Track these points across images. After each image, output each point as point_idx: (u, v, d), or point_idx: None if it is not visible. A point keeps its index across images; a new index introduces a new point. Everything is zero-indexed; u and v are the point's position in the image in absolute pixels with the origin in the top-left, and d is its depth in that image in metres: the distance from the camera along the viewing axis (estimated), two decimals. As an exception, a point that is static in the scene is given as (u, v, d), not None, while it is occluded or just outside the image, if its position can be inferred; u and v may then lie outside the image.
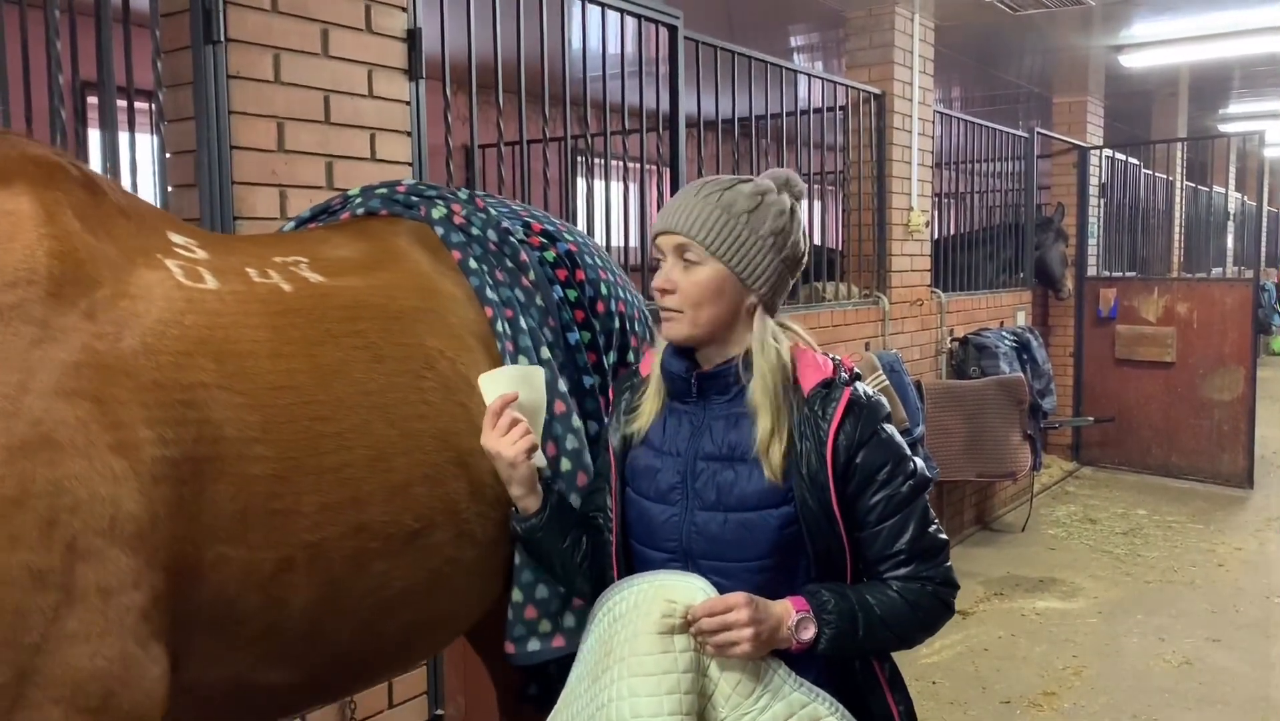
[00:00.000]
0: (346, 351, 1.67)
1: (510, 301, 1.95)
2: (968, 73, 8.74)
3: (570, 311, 2.04)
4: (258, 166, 2.58)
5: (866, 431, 1.66)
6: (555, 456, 1.91)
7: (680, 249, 1.69)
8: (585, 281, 2.07)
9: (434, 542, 1.73)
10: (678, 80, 4.17)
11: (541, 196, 3.67)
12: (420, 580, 1.73)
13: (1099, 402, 8.67)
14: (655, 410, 1.78)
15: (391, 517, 1.66)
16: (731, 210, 1.68)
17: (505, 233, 2.04)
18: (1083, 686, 4.48)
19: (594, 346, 2.05)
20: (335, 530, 1.58)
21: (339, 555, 1.60)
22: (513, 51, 3.43)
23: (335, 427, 1.61)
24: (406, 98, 2.95)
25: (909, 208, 6.20)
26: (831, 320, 5.47)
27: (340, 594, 1.62)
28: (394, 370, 1.73)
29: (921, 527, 1.68)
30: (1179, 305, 8.32)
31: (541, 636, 1.91)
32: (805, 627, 1.59)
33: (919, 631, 1.70)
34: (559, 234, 2.12)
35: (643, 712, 1.55)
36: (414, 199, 2.08)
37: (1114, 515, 7.39)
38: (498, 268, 1.98)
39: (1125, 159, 9.32)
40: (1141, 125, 11.82)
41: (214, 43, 2.48)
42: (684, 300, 1.68)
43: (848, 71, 6.18)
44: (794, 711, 1.57)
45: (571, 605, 1.92)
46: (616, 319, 2.10)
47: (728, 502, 1.67)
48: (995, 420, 6.23)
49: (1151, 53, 7.72)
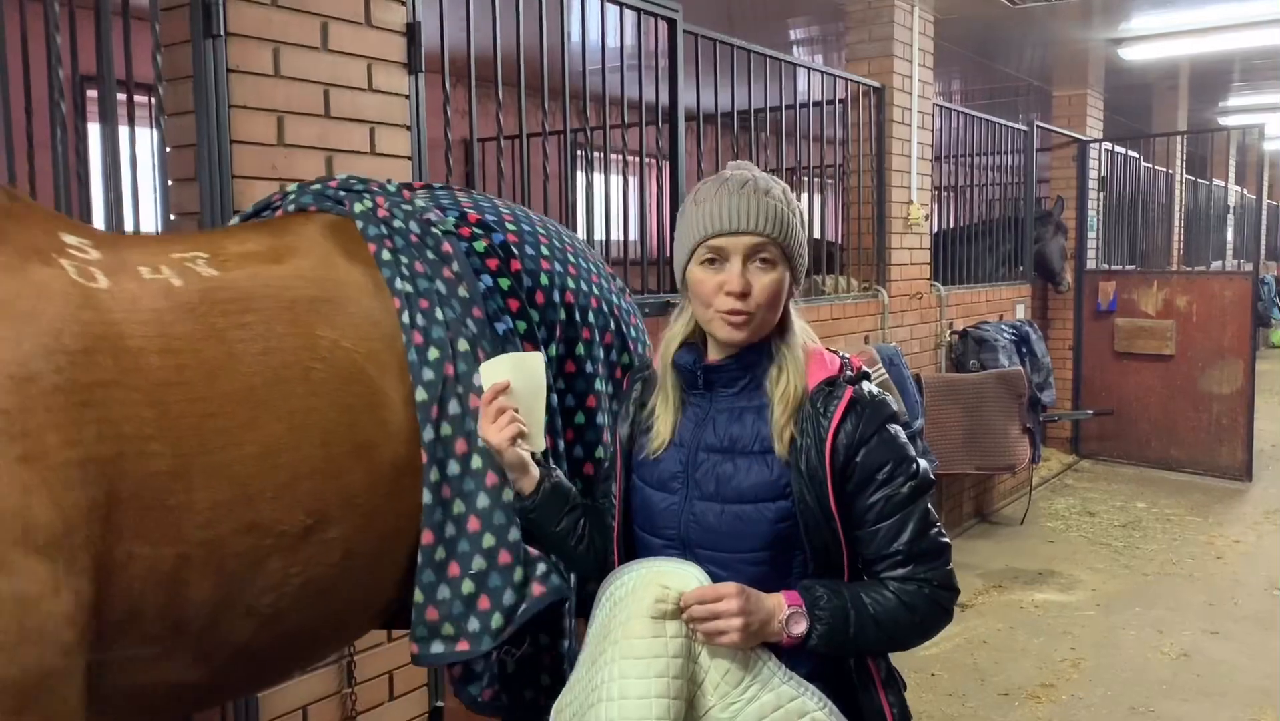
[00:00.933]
0: (233, 345, 1.65)
1: (428, 293, 1.92)
2: (968, 66, 8.74)
3: (502, 301, 1.99)
4: (257, 160, 2.59)
5: (868, 431, 1.65)
6: (466, 453, 1.87)
7: (756, 249, 1.66)
8: (522, 272, 2.03)
9: (331, 537, 1.71)
10: (677, 73, 4.17)
11: (541, 190, 3.67)
12: (320, 575, 1.71)
13: (1098, 396, 8.68)
14: (675, 410, 1.78)
15: (283, 514, 1.65)
16: (791, 208, 1.69)
17: (427, 224, 2.01)
18: (1081, 678, 4.49)
19: (530, 336, 2.01)
20: (227, 527, 1.58)
21: (233, 552, 1.59)
22: (512, 45, 3.43)
23: (223, 424, 1.59)
24: (406, 92, 2.96)
25: (908, 201, 6.20)
26: (831, 314, 5.48)
27: (239, 591, 1.61)
28: (281, 363, 1.70)
29: (920, 529, 1.66)
30: (1178, 298, 8.33)
31: (445, 639, 1.86)
32: (797, 622, 1.60)
33: (914, 634, 1.68)
34: (498, 224, 2.09)
35: (630, 694, 1.57)
36: (342, 193, 2.08)
37: (1113, 508, 7.41)
38: (418, 259, 1.96)
39: (1125, 152, 9.32)
40: (1141, 118, 11.82)
41: (214, 37, 2.48)
42: (759, 301, 1.66)
43: (847, 65, 6.18)
44: (782, 704, 1.58)
45: (476, 608, 1.85)
46: (562, 310, 2.07)
47: (725, 494, 1.68)
48: (994, 413, 6.24)
49: (1151, 46, 7.72)
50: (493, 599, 1.84)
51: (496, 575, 1.84)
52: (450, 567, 1.85)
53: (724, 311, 1.66)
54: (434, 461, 1.84)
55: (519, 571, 1.85)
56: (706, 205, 1.68)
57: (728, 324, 1.66)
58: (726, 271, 1.66)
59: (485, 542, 1.85)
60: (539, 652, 2.09)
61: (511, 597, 1.85)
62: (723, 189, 1.68)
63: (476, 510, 1.86)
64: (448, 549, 1.85)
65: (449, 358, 1.88)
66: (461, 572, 1.84)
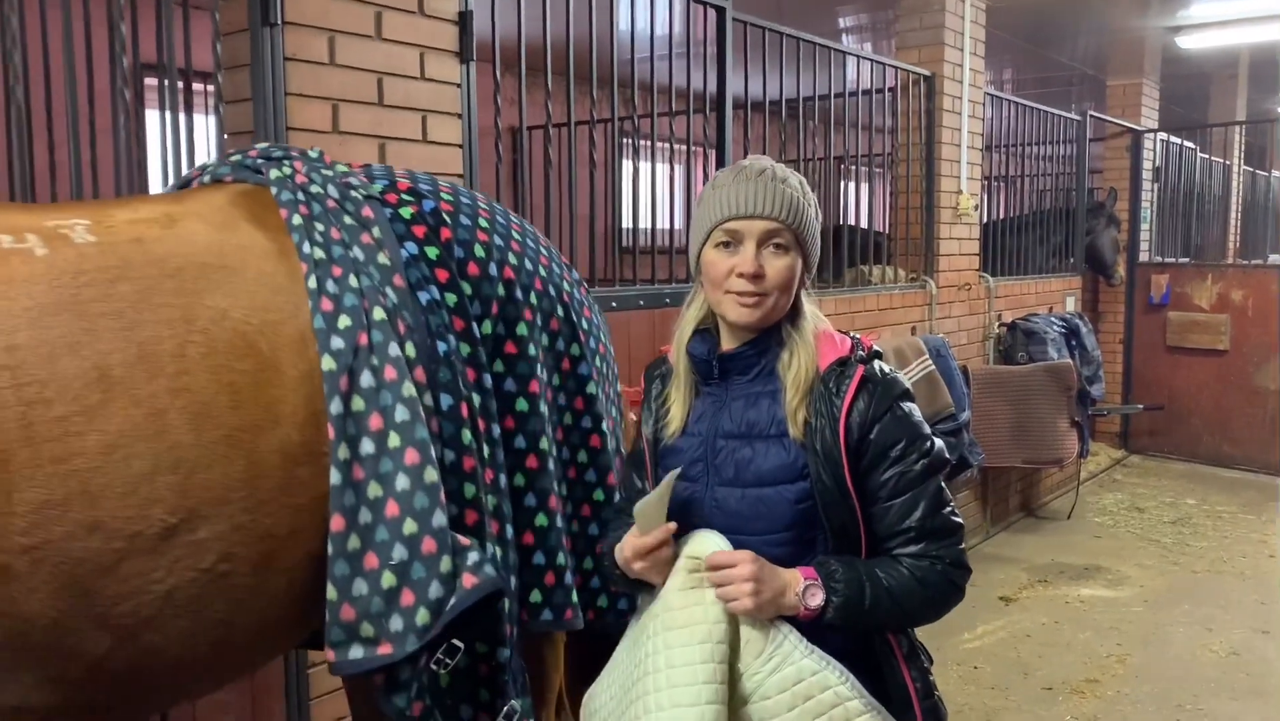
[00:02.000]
0: (91, 320, 1.47)
1: (342, 260, 1.76)
2: (1020, 54, 8.63)
3: (428, 270, 1.83)
4: (313, 147, 2.63)
5: (881, 408, 1.69)
6: (382, 430, 1.67)
7: (770, 234, 1.71)
8: (454, 241, 1.88)
9: (202, 538, 1.51)
10: (725, 62, 4.17)
11: (588, 178, 3.69)
12: (189, 582, 1.51)
13: (1149, 390, 8.55)
14: (688, 395, 1.82)
15: (136, 512, 1.45)
16: (807, 196, 1.74)
17: (347, 187, 1.87)
18: (1126, 674, 4.45)
19: (460, 311, 1.84)
20: (61, 529, 1.39)
21: (73, 558, 1.40)
22: (562, 33, 3.45)
23: (58, 411, 1.41)
24: (457, 80, 2.99)
25: (958, 191, 6.14)
26: (877, 303, 5.45)
27: (86, 602, 1.43)
28: (150, 337, 1.52)
29: (933, 507, 1.69)
30: (1233, 292, 8.17)
31: (365, 641, 1.65)
32: (813, 594, 1.63)
33: (927, 609, 1.70)
34: (431, 193, 1.95)
35: (677, 662, 1.61)
36: (260, 162, 1.94)
37: (1162, 504, 7.30)
38: (334, 225, 1.80)
39: (1180, 143, 9.15)
40: (1199, 108, 11.59)
41: (271, 25, 2.53)
42: (773, 285, 1.70)
43: (897, 53, 6.13)
44: (803, 677, 1.61)
45: (399, 604, 1.64)
46: (500, 285, 1.91)
47: (745, 478, 1.72)
48: (1042, 406, 6.18)
49: (1210, 34, 7.58)
50: (417, 592, 1.64)
51: (420, 565, 1.65)
52: (367, 558, 1.65)
53: (735, 292, 1.70)
54: (342, 438, 1.64)
55: (446, 561, 1.66)
56: (724, 190, 1.74)
57: (739, 304, 1.71)
58: (740, 254, 1.71)
59: (406, 529, 1.65)
60: (475, 663, 1.84)
61: (439, 590, 1.65)
62: (740, 176, 1.74)
63: (395, 493, 1.66)
64: (362, 537, 1.65)
65: (362, 326, 1.70)
66: (380, 564, 1.64)
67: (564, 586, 1.97)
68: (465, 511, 1.78)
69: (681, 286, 3.98)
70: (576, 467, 2.09)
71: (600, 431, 2.09)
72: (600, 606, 2.13)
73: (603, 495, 2.11)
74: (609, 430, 2.12)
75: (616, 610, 2.13)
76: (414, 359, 1.74)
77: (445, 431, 1.76)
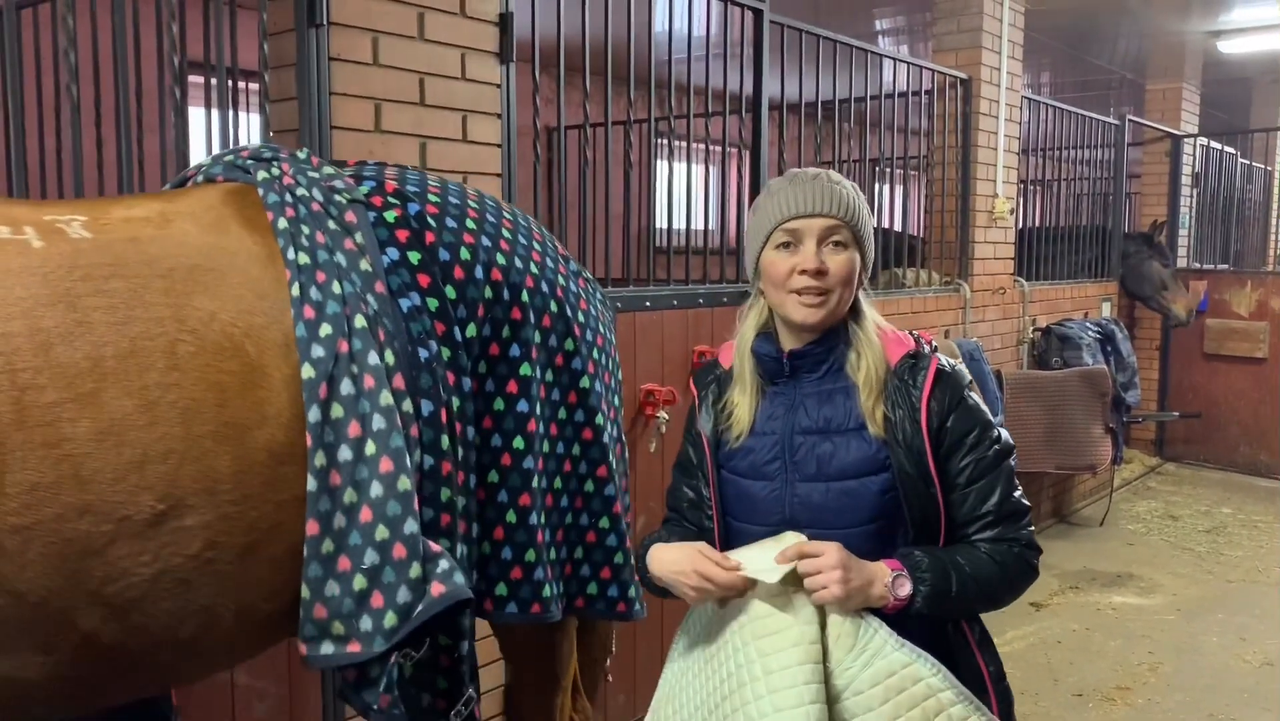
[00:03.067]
0: (85, 313, 1.53)
1: (326, 265, 1.78)
2: (1059, 58, 8.56)
3: (410, 276, 1.85)
4: (356, 146, 2.68)
5: (954, 399, 1.76)
6: (360, 437, 1.71)
7: (830, 231, 1.76)
8: (438, 245, 1.89)
9: (189, 525, 1.57)
10: (762, 63, 4.18)
11: (623, 177, 3.72)
12: (177, 566, 1.57)
13: (1185, 398, 8.47)
14: (753, 397, 1.85)
15: (126, 498, 1.51)
16: (860, 198, 1.80)
17: (331, 191, 1.89)
18: (1158, 682, 4.42)
19: (443, 315, 1.86)
20: (52, 511, 1.45)
21: (64, 538, 1.47)
22: (600, 34, 3.48)
23: (51, 398, 1.47)
24: (497, 80, 3.02)
25: (994, 194, 6.12)
26: (911, 307, 5.44)
27: (77, 578, 1.49)
28: (142, 333, 1.57)
29: (1007, 491, 1.76)
30: (1273, 299, 8.07)
31: (335, 639, 1.71)
32: (902, 585, 1.67)
33: (1006, 591, 1.76)
34: (418, 196, 1.95)
35: (775, 667, 1.62)
36: (250, 162, 1.96)
37: (1197, 512, 7.23)
38: (319, 229, 1.82)
39: (1221, 148, 9.05)
40: (1240, 113, 11.44)
41: (316, 26, 2.58)
42: (835, 280, 1.75)
43: (934, 56, 6.11)
44: (895, 670, 1.62)
45: (369, 606, 1.70)
46: (488, 287, 1.93)
47: (829, 472, 1.76)
48: (1076, 412, 6.14)
49: (1252, 38, 7.49)
50: (386, 596, 1.70)
51: (391, 570, 1.70)
52: (339, 561, 1.70)
53: (798, 290, 1.74)
54: (320, 445, 1.69)
55: (416, 567, 1.71)
56: (780, 194, 1.79)
57: (802, 304, 1.75)
58: (801, 252, 1.76)
59: (378, 535, 1.70)
60: (437, 655, 1.91)
61: (407, 595, 1.70)
62: (795, 181, 1.80)
63: (370, 499, 1.70)
64: (336, 541, 1.70)
65: (343, 334, 1.73)
66: (353, 567, 1.70)
67: (532, 581, 2.01)
68: (440, 515, 1.83)
69: (715, 286, 4.00)
70: (571, 460, 2.12)
71: (594, 425, 2.12)
72: (590, 594, 2.17)
73: (592, 486, 2.14)
74: (604, 422, 2.15)
75: (607, 598, 2.17)
76: (393, 366, 1.77)
77: (425, 438, 1.80)
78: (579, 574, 2.16)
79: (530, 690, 2.32)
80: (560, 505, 2.11)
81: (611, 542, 2.16)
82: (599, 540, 2.16)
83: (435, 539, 1.80)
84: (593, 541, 2.15)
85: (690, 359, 3.79)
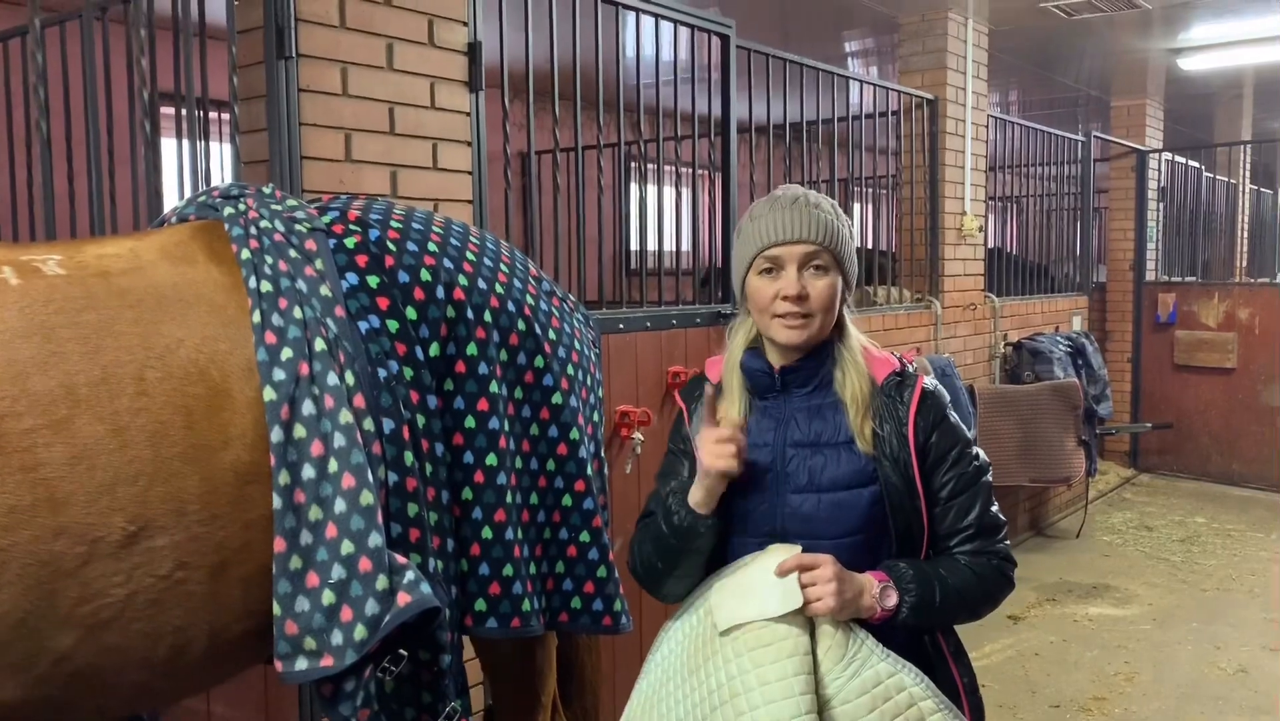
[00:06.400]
0: (59, 344, 1.61)
1: (288, 291, 1.85)
2: (1026, 77, 8.69)
3: (369, 299, 1.90)
4: (326, 176, 2.70)
5: (938, 417, 1.84)
6: (323, 455, 1.76)
7: (810, 257, 1.81)
8: (398, 268, 1.95)
9: (159, 546, 1.63)
10: (730, 88, 4.24)
11: (596, 202, 3.76)
12: (148, 586, 1.63)
13: (1157, 409, 8.57)
14: (744, 411, 1.89)
15: (99, 519, 1.57)
16: (841, 220, 1.86)
17: (292, 221, 1.95)
18: (1134, 692, 4.46)
19: (404, 336, 1.91)
20: (28, 532, 1.51)
21: (39, 560, 1.52)
22: (569, 61, 3.52)
23: (26, 424, 1.54)
24: (467, 109, 3.06)
25: (962, 212, 6.20)
26: (883, 324, 5.50)
27: (51, 600, 1.55)
28: (113, 361, 1.65)
29: (986, 506, 1.84)
30: (1240, 310, 8.20)
31: (308, 654, 1.75)
32: (889, 595, 1.72)
33: (985, 602, 1.84)
34: (380, 223, 2.01)
35: (770, 678, 1.65)
36: (219, 200, 2.04)
37: (1171, 522, 7.31)
38: (281, 258, 1.89)
39: (1185, 162, 9.19)
40: (1204, 128, 11.62)
41: (286, 58, 2.60)
42: (817, 305, 1.81)
43: (901, 77, 6.20)
44: (881, 680, 1.67)
45: (339, 620, 1.73)
46: (450, 307, 1.98)
47: (820, 484, 1.81)
48: (1049, 425, 6.21)
49: (1212, 55, 7.61)
50: (355, 609, 1.73)
51: (358, 583, 1.74)
52: (308, 577, 1.75)
53: (781, 315, 1.80)
54: (283, 464, 1.74)
55: (383, 579, 1.74)
56: (762, 220, 1.84)
57: (785, 327, 1.81)
58: (783, 278, 1.81)
59: (344, 549, 1.74)
60: (418, 669, 1.94)
61: (375, 607, 1.73)
62: (776, 205, 1.84)
63: (334, 516, 1.75)
64: (304, 557, 1.75)
65: (304, 357, 1.80)
66: (321, 582, 1.74)
67: (510, 596, 2.03)
68: (409, 530, 1.87)
69: (689, 308, 4.03)
70: (546, 476, 2.15)
71: (568, 440, 2.15)
72: (574, 609, 2.19)
73: (570, 501, 2.17)
74: (580, 436, 2.17)
75: (592, 612, 2.19)
76: (354, 386, 1.82)
77: (388, 454, 1.84)
78: (561, 588, 2.18)
79: (510, 710, 2.33)
80: (538, 520, 2.13)
81: (594, 556, 2.18)
82: (580, 554, 2.18)
83: (406, 553, 1.83)
84: (574, 556, 2.18)
85: (665, 380, 3.82)
